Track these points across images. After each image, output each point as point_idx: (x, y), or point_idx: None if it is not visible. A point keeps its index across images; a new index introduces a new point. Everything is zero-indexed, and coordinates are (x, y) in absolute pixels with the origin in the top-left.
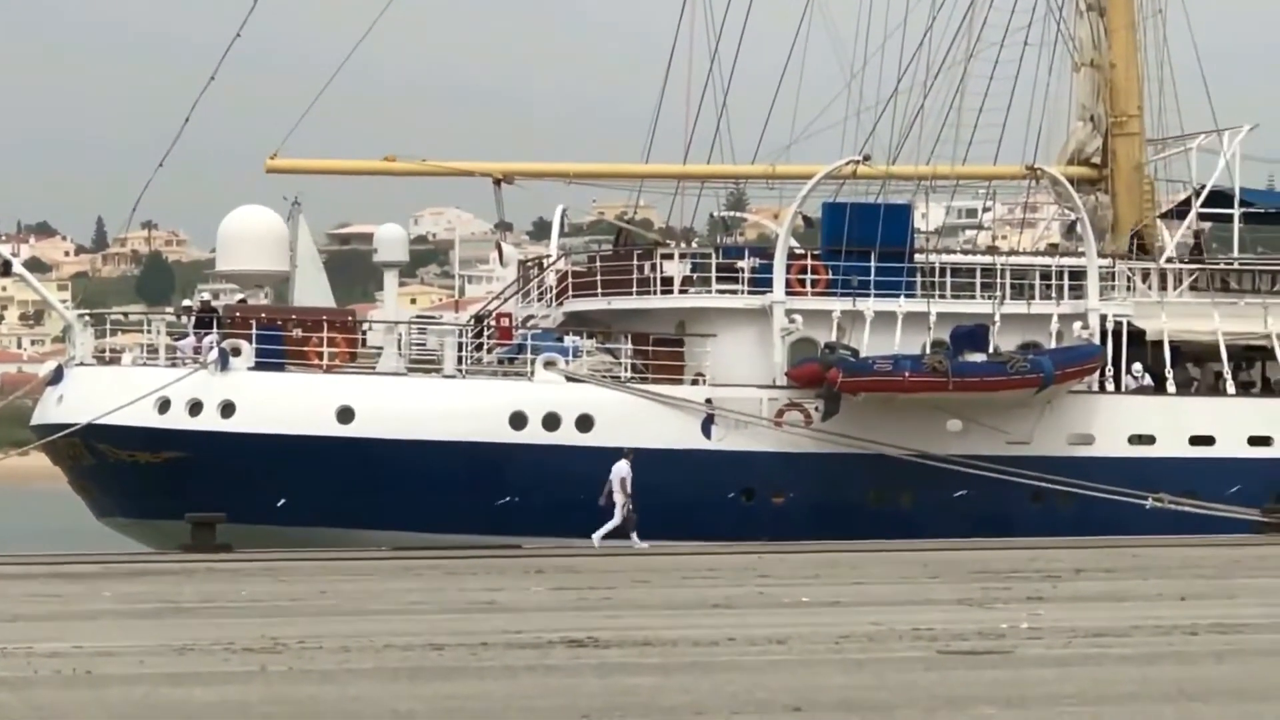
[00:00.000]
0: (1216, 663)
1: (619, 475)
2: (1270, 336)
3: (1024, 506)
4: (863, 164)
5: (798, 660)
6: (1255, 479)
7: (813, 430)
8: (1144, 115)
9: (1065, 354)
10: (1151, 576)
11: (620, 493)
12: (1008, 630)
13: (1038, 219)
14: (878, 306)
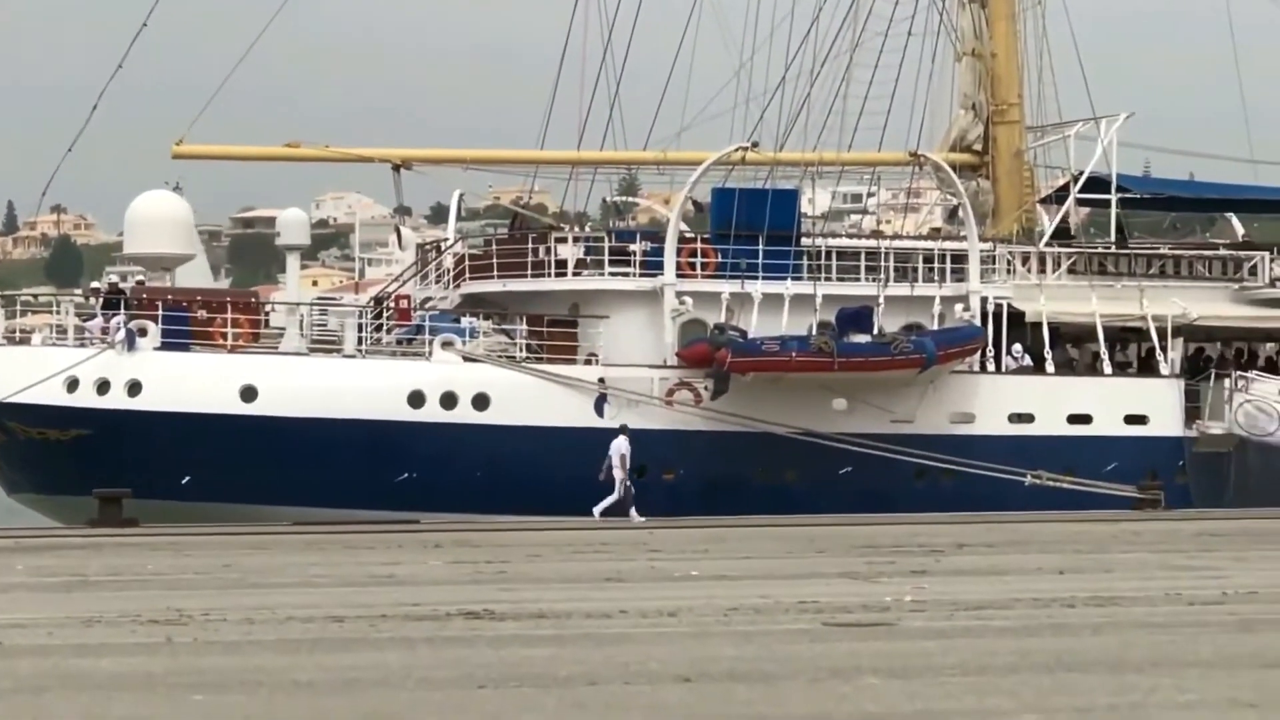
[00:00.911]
0: (1093, 634)
1: (618, 451)
2: (1146, 318)
3: (907, 483)
4: (751, 150)
5: (687, 632)
6: (1131, 456)
7: (702, 409)
8: (1024, 103)
9: (947, 335)
10: (1031, 551)
11: (619, 469)
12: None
13: (921, 204)
14: (765, 289)
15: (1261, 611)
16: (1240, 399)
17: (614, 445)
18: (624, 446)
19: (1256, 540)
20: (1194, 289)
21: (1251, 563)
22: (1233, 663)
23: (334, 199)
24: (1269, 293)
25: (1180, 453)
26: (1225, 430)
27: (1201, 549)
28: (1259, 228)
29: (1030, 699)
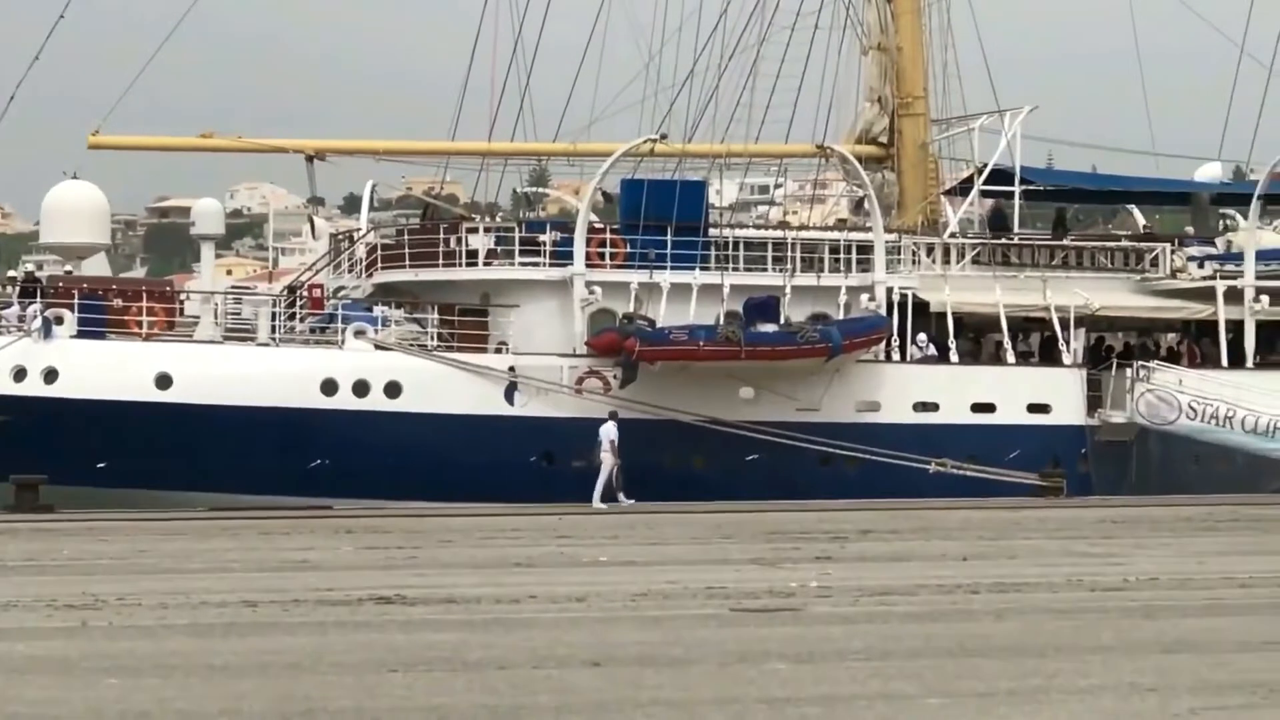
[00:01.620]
0: (996, 620)
1: (607, 437)
2: (1049, 309)
3: (813, 470)
4: (660, 142)
5: (596, 617)
6: (1034, 444)
7: (611, 397)
8: (929, 96)
9: (853, 325)
10: (935, 538)
11: (610, 453)
12: (797, 589)
13: (827, 195)
14: (674, 279)
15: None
16: (1141, 388)
17: (603, 430)
18: (613, 432)
19: (1157, 527)
20: (1096, 280)
21: (1152, 549)
22: (1134, 648)
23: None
24: (1170, 284)
25: (1082, 441)
26: (1127, 419)
27: (1103, 536)
28: (1160, 219)
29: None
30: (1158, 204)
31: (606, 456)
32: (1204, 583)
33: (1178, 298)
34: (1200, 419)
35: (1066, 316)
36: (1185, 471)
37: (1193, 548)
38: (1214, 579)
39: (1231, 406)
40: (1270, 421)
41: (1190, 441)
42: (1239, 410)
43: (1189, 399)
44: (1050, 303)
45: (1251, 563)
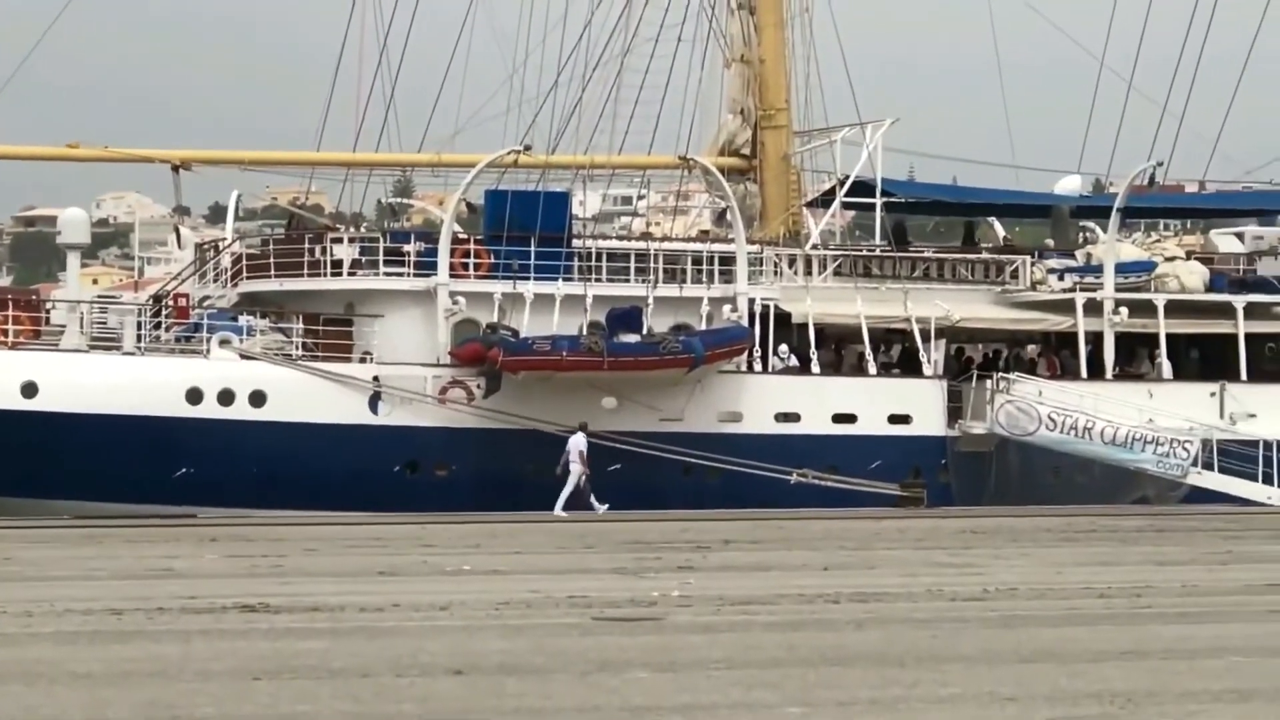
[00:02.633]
0: (857, 630)
1: (576, 447)
2: (910, 320)
3: (676, 480)
4: (523, 153)
5: (459, 626)
6: (895, 455)
7: (475, 407)
8: (791, 108)
9: (715, 335)
10: (796, 547)
11: (578, 463)
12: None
13: (690, 207)
14: (537, 289)
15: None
16: (1001, 399)
17: (572, 441)
18: (581, 443)
19: (1016, 538)
20: (957, 292)
21: (1011, 560)
22: (993, 658)
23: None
24: (1030, 295)
25: (943, 452)
26: (987, 430)
27: (963, 546)
28: (1020, 232)
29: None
30: (1018, 216)
31: (575, 466)
32: (1062, 593)
33: (1037, 309)
34: (1059, 430)
35: (927, 328)
36: (1044, 482)
37: (1052, 558)
38: (1072, 589)
39: (1090, 418)
40: (1129, 433)
41: (1049, 453)
42: (1098, 422)
43: (1048, 410)
44: (911, 314)
45: (1110, 573)
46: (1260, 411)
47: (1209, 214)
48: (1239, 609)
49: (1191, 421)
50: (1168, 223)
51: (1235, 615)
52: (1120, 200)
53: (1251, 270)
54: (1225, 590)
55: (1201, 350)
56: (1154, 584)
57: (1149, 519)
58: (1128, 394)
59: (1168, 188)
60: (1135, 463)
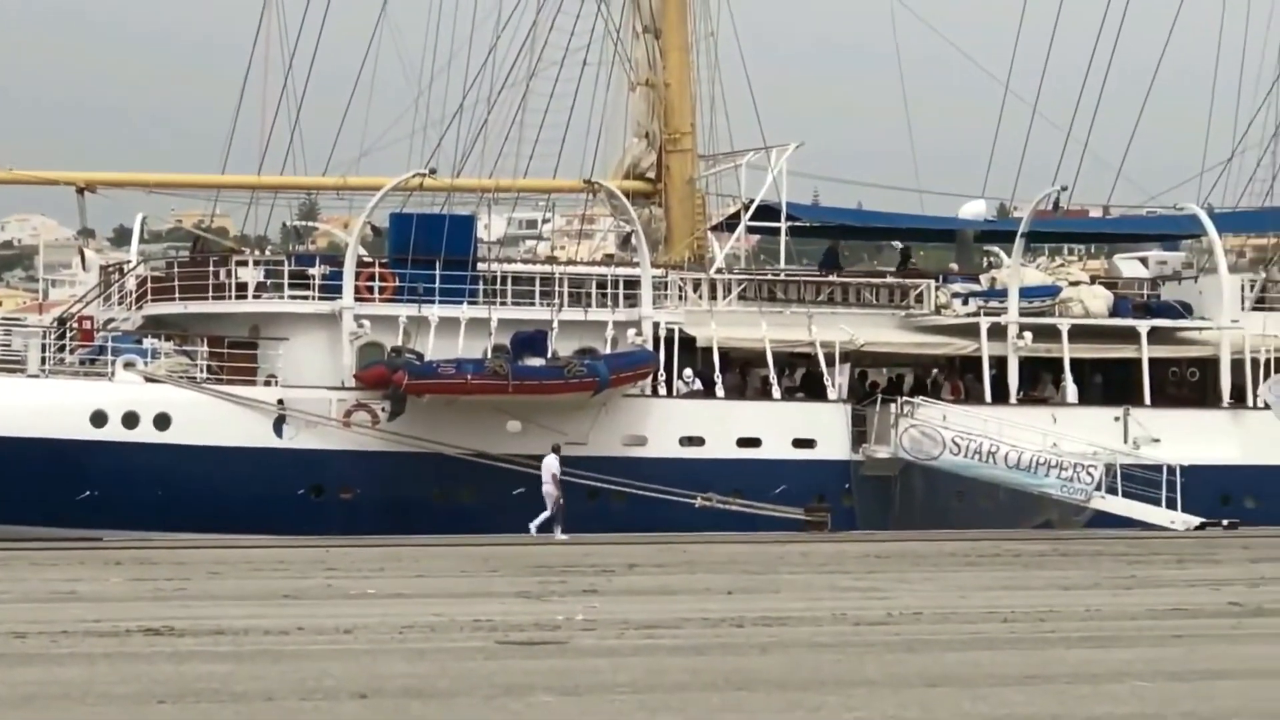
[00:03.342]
0: (761, 654)
1: (550, 470)
2: (814, 344)
3: (581, 504)
4: (428, 177)
5: (363, 649)
6: (799, 479)
7: (379, 430)
8: (696, 132)
9: (620, 359)
10: (700, 571)
11: (553, 485)
12: (564, 622)
13: (595, 230)
14: (442, 313)
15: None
16: (905, 424)
17: (545, 464)
18: (554, 465)
19: (920, 562)
20: (862, 315)
21: (915, 584)
22: (898, 681)
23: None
24: (933, 319)
25: (847, 476)
26: (891, 454)
27: (867, 570)
28: (924, 256)
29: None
30: (922, 241)
31: (549, 489)
32: (966, 617)
33: (942, 334)
34: (963, 454)
35: (831, 352)
36: (948, 506)
37: (955, 582)
38: (976, 613)
39: (994, 442)
40: (1033, 457)
41: (953, 477)
42: (1002, 446)
43: (952, 434)
44: (815, 338)
45: (1013, 597)
46: (1164, 436)
47: (1113, 239)
48: (1142, 633)
49: (1095, 446)
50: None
51: (1139, 640)
52: (1025, 225)
53: (1155, 295)
54: (1129, 615)
55: (1105, 375)
56: (1058, 608)
57: (1053, 543)
58: (1032, 418)
59: (1072, 212)
60: (1039, 487)
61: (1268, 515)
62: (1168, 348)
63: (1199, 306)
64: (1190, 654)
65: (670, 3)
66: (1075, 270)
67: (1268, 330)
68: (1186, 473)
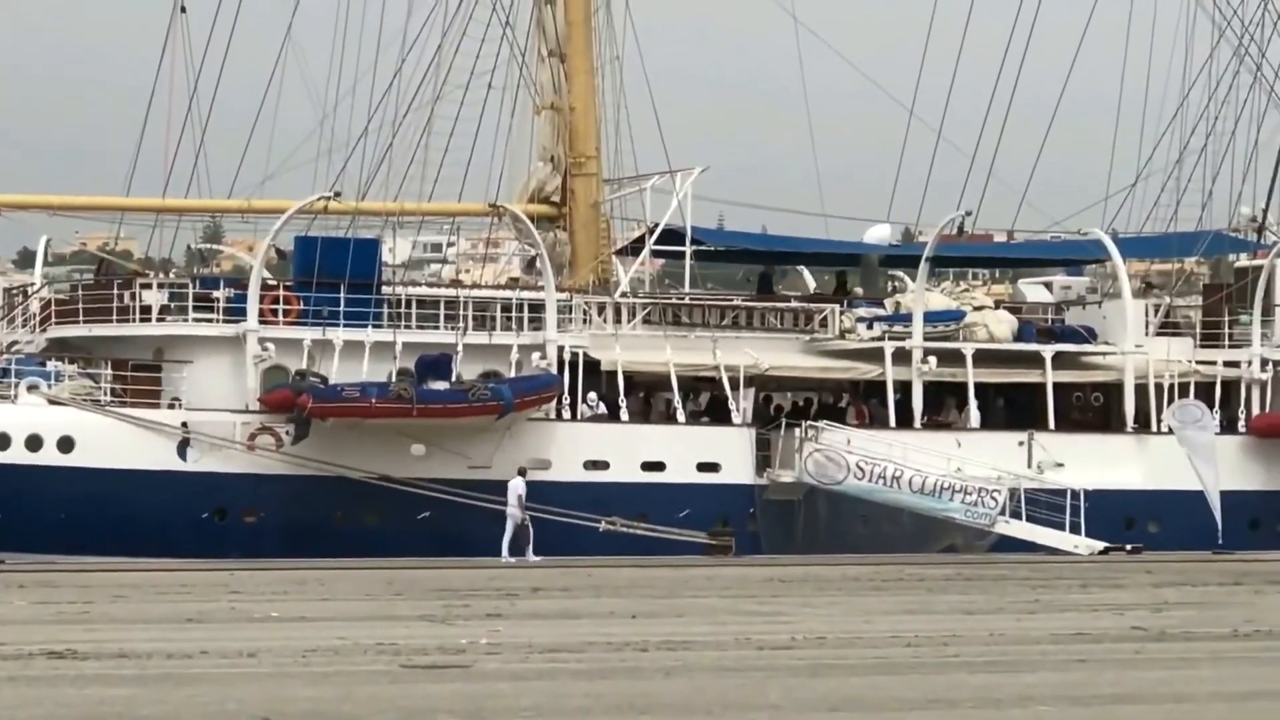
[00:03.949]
0: (665, 678)
1: (515, 492)
2: (719, 368)
3: (485, 528)
4: (333, 200)
5: (267, 673)
6: (704, 503)
7: (284, 453)
8: (601, 156)
9: (524, 383)
10: (604, 595)
11: (517, 508)
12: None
13: (499, 254)
14: (346, 336)
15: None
16: (810, 448)
17: (511, 485)
18: (520, 487)
19: (824, 586)
20: (766, 340)
21: (819, 608)
22: (801, 706)
23: None
24: (838, 344)
25: (751, 500)
26: (795, 478)
27: (771, 595)
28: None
29: None
30: (827, 265)
31: (513, 511)
32: (870, 641)
33: (846, 358)
34: (868, 479)
35: (736, 376)
36: (853, 531)
37: (860, 607)
38: (880, 638)
39: (899, 467)
40: (937, 482)
41: (858, 501)
42: (906, 470)
43: (857, 459)
44: (720, 362)
45: (918, 622)
46: (1067, 460)
47: (1017, 264)
48: (1046, 658)
49: (999, 471)
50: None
51: (1042, 664)
52: (929, 249)
53: (1059, 320)
54: (1032, 639)
55: (1010, 400)
56: (961, 633)
57: (957, 568)
58: (936, 443)
59: (976, 237)
60: (943, 511)
61: (1171, 540)
62: (1072, 372)
63: (1103, 331)
64: (1093, 678)
65: (575, 27)
66: (980, 295)
67: (1171, 355)
68: (1090, 497)
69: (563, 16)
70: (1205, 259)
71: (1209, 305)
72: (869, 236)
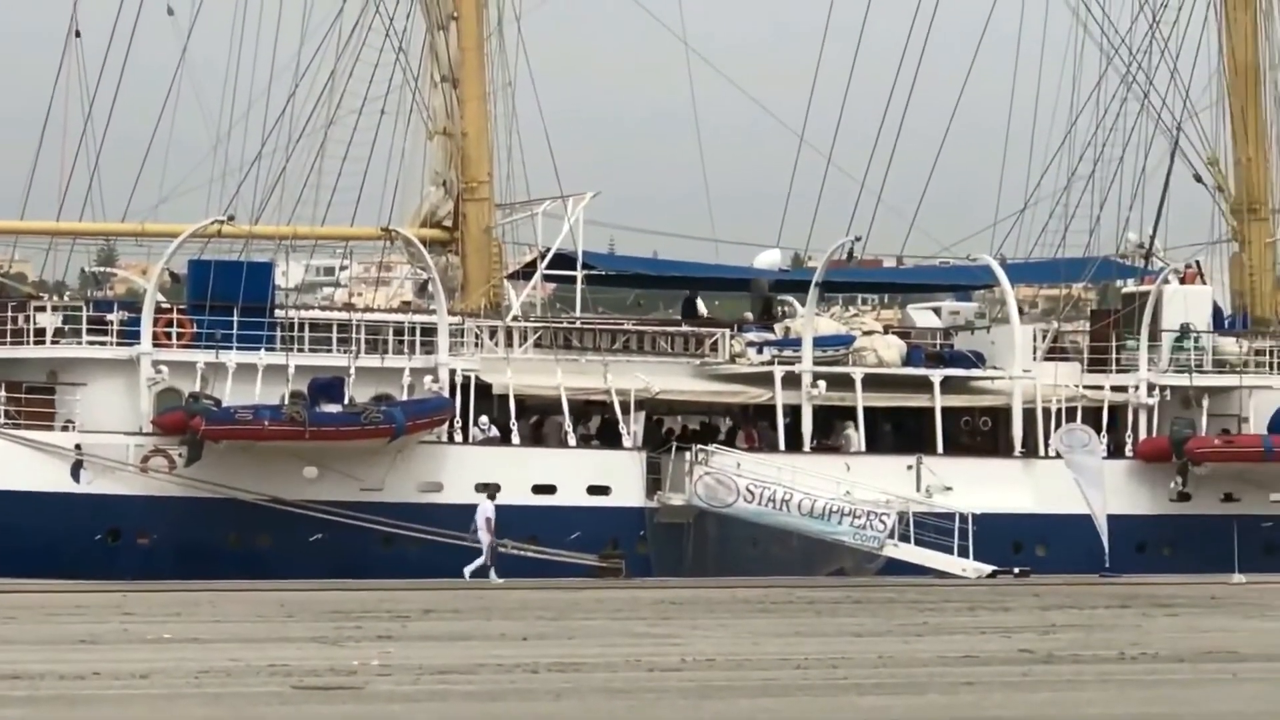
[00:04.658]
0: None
1: (484, 515)
2: (610, 392)
3: (376, 550)
4: (226, 223)
5: (159, 694)
6: (594, 526)
7: (177, 475)
8: (494, 181)
9: (416, 406)
10: (495, 617)
11: (485, 531)
12: (359, 667)
13: (392, 278)
14: (239, 359)
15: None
16: (700, 471)
17: (480, 509)
18: (489, 510)
19: (714, 609)
20: (657, 364)
21: (709, 630)
22: None
23: None
24: (729, 368)
25: (642, 523)
26: (685, 501)
27: (661, 617)
28: (720, 305)
29: None
30: (717, 290)
31: (483, 535)
32: (760, 663)
33: (736, 382)
34: (757, 502)
35: (627, 400)
36: (743, 553)
37: (749, 629)
38: (770, 660)
39: (788, 490)
40: (826, 505)
41: (747, 524)
42: (795, 494)
43: (746, 482)
44: (611, 386)
45: (807, 644)
46: (956, 484)
47: (906, 289)
48: (934, 680)
49: (888, 494)
50: (866, 297)
51: (930, 686)
52: (819, 274)
53: (948, 345)
54: (921, 661)
55: (899, 424)
56: (850, 655)
57: (846, 590)
58: (825, 466)
59: (866, 262)
60: (832, 535)
61: (1058, 563)
62: (960, 397)
63: (991, 356)
64: (981, 700)
65: (468, 53)
66: (869, 320)
67: (1059, 380)
68: (978, 521)
69: (455, 43)
70: (1093, 285)
71: (1096, 331)
72: (759, 261)
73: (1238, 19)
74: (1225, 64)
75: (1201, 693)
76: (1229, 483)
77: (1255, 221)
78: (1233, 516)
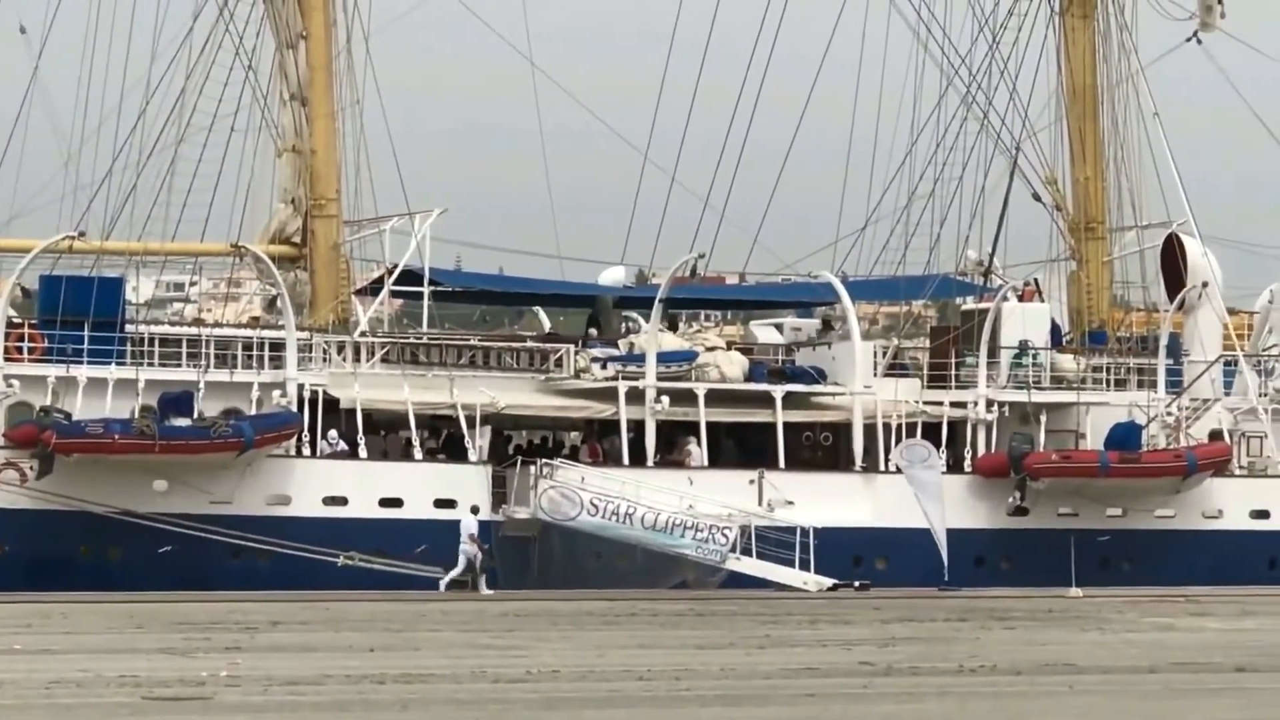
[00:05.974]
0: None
1: (467, 530)
2: (456, 406)
3: (225, 562)
4: (78, 239)
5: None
6: (440, 539)
7: (27, 488)
8: (342, 198)
9: (265, 420)
10: (343, 629)
11: (469, 544)
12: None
13: (241, 293)
14: (90, 373)
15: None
16: (545, 485)
17: (463, 524)
18: (472, 525)
19: (559, 621)
20: (503, 379)
21: (554, 642)
22: None
23: None
24: (574, 383)
25: (487, 536)
26: (530, 515)
27: (506, 629)
28: (564, 321)
29: None
30: (562, 306)
31: (466, 548)
32: (604, 675)
33: (581, 397)
34: (601, 515)
35: (473, 414)
36: (587, 566)
37: (593, 641)
38: (613, 671)
39: (632, 504)
40: (669, 519)
41: (591, 537)
42: (639, 507)
43: (590, 496)
44: (457, 400)
45: (650, 656)
46: (797, 498)
47: (749, 305)
48: (775, 692)
49: (730, 508)
50: (709, 313)
51: (772, 698)
52: (663, 291)
53: (790, 361)
54: (762, 674)
55: (742, 439)
56: (693, 667)
57: (689, 603)
58: (668, 481)
59: (709, 279)
60: (675, 548)
61: (898, 576)
62: (802, 412)
63: (833, 372)
64: (822, 712)
65: (317, 71)
66: (712, 336)
67: (899, 395)
68: (819, 535)
69: (304, 61)
70: (932, 302)
71: (936, 347)
72: (604, 278)
73: (1075, 40)
74: (1063, 85)
75: (1039, 705)
76: (1066, 498)
77: (1092, 240)
78: (1070, 531)
